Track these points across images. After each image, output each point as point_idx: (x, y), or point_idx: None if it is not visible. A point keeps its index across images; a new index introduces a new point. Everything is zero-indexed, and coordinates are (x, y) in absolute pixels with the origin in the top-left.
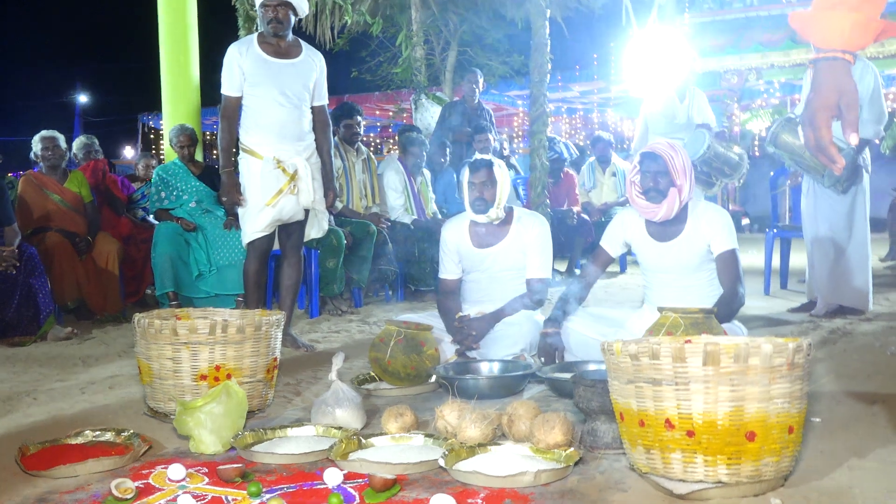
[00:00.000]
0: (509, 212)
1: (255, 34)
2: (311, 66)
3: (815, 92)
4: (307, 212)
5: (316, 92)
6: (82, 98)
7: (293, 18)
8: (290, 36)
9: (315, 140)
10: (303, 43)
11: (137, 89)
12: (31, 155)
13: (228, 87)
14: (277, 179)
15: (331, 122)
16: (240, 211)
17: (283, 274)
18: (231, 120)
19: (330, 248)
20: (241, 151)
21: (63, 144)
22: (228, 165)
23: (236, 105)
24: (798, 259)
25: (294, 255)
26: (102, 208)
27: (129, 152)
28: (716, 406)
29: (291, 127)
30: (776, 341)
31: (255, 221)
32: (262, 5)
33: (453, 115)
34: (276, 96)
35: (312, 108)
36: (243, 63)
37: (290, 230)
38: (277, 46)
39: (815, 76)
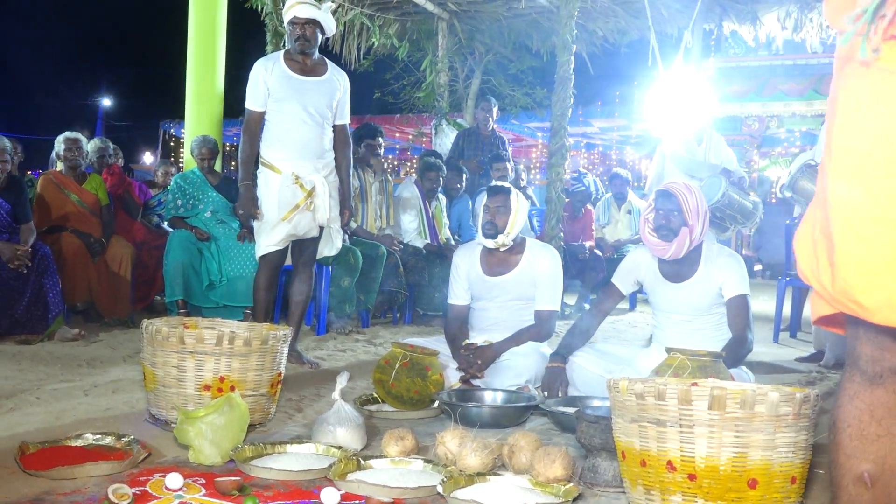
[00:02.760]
0: (521, 242)
1: (282, 51)
2: (336, 85)
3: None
4: (322, 229)
5: (338, 111)
6: (106, 101)
7: (320, 37)
8: (317, 54)
9: (334, 158)
10: (328, 62)
11: (161, 96)
12: (53, 154)
13: (252, 102)
14: (294, 195)
15: (351, 141)
16: (255, 224)
17: (294, 289)
18: (253, 134)
19: (346, 266)
20: (260, 165)
21: (85, 147)
22: (247, 178)
23: (259, 119)
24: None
25: (305, 271)
26: (118, 212)
27: (148, 158)
28: (719, 451)
29: (312, 144)
30: (783, 390)
31: (270, 235)
32: (291, 22)
33: (467, 142)
34: (299, 113)
35: (334, 126)
36: (268, 78)
37: (303, 246)
38: (303, 64)
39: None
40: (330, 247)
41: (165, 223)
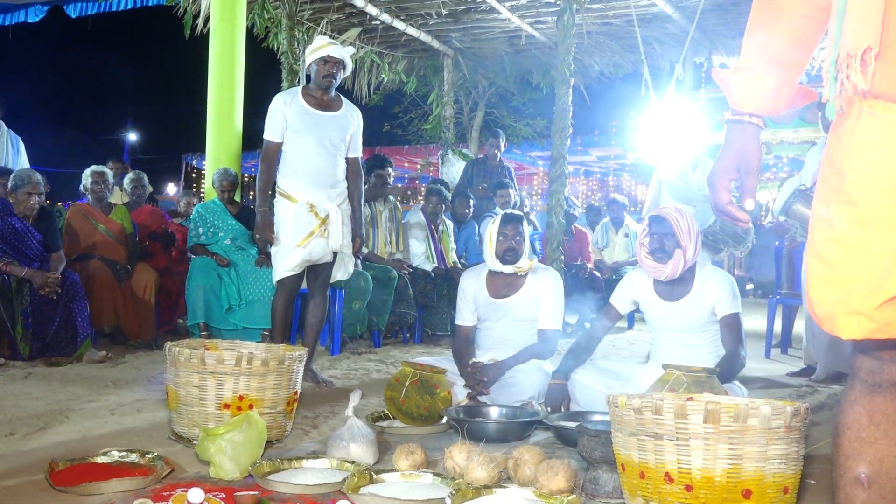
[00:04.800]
0: None
1: (300, 86)
2: (350, 120)
3: (720, 154)
4: (336, 254)
5: (351, 144)
6: (132, 136)
7: (341, 76)
8: (333, 91)
9: (347, 188)
10: (343, 98)
11: (183, 131)
12: (81, 187)
13: (271, 133)
14: (309, 222)
15: (363, 173)
16: (272, 250)
17: (309, 312)
18: (270, 163)
19: (357, 290)
20: (277, 194)
21: (111, 179)
22: (264, 205)
23: (276, 150)
24: (800, 325)
25: (320, 294)
26: (155, 244)
27: (171, 189)
28: (714, 463)
29: (326, 174)
30: (775, 404)
31: (286, 260)
32: (322, 60)
33: (475, 171)
34: (314, 145)
35: (347, 159)
36: (287, 112)
37: (318, 271)
38: (320, 99)
39: (724, 138)
40: (343, 271)
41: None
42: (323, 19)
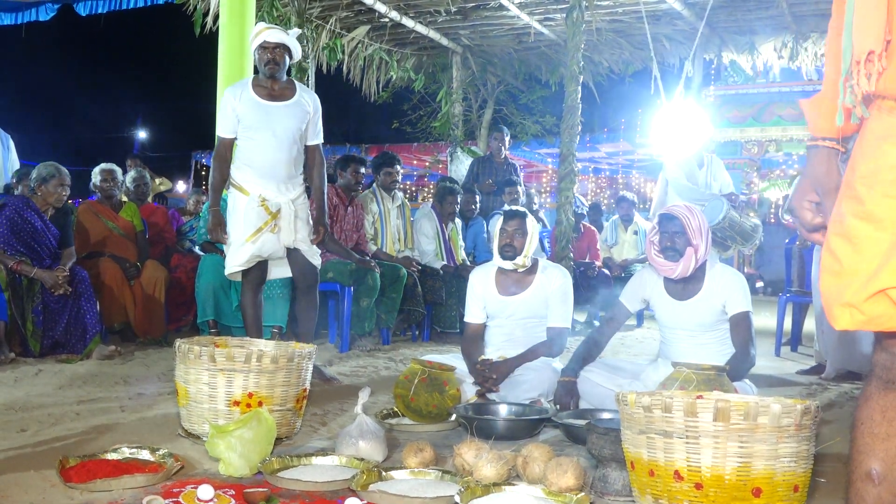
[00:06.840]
0: (534, 263)
1: (251, 77)
2: (305, 106)
3: (800, 177)
4: (296, 250)
5: (310, 132)
6: (141, 134)
7: (288, 61)
8: (285, 78)
9: (308, 177)
10: (298, 84)
11: (192, 128)
12: (91, 185)
13: (222, 129)
14: (259, 217)
15: (325, 161)
16: (225, 245)
17: (298, 318)
18: (223, 160)
19: (366, 287)
20: (230, 186)
21: (120, 177)
22: (216, 204)
23: (229, 146)
24: (810, 323)
25: (306, 297)
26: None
27: (181, 186)
28: (724, 461)
29: (280, 167)
30: (785, 402)
31: (236, 255)
32: (260, 47)
33: (481, 169)
34: (267, 137)
35: (307, 147)
36: (237, 106)
37: (304, 273)
38: (271, 89)
39: (806, 161)
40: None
41: (197, 248)
42: (332, 17)
